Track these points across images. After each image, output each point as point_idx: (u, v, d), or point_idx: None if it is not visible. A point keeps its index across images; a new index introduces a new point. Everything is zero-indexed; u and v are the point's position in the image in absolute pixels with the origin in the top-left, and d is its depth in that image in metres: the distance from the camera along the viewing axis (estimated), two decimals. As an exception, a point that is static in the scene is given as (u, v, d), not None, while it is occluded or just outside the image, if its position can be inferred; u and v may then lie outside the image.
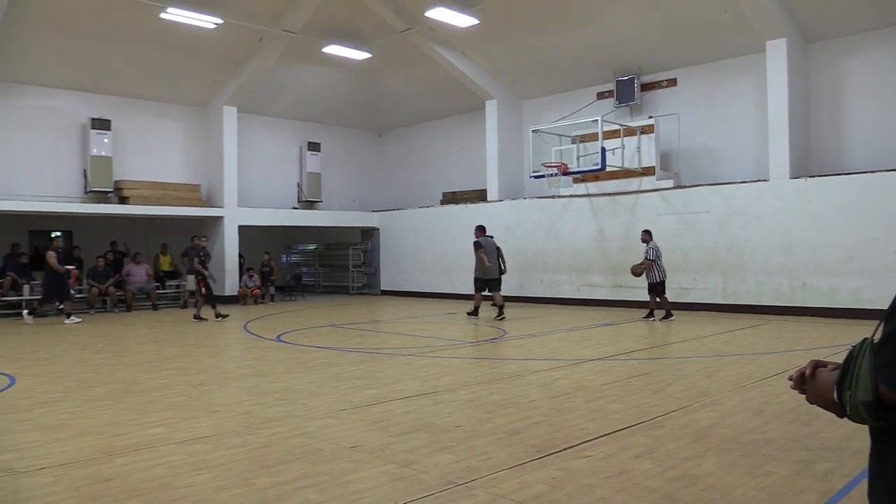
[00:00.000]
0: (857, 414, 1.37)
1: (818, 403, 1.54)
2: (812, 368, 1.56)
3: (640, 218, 15.46)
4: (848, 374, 1.38)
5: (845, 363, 1.40)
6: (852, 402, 1.36)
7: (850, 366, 1.38)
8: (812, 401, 1.56)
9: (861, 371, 1.35)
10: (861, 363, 1.36)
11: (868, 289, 12.37)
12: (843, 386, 1.39)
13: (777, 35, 13.64)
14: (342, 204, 22.64)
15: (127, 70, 17.31)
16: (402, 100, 21.55)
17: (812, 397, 1.56)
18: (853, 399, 1.36)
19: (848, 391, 1.37)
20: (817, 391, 1.52)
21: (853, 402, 1.36)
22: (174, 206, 18.19)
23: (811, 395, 1.56)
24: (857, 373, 1.36)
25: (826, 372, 1.53)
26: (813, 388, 1.54)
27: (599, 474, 4.25)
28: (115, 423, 5.73)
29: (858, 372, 1.35)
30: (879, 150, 13.28)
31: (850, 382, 1.37)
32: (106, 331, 13.13)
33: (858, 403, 1.35)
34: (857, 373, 1.36)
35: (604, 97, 17.45)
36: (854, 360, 1.38)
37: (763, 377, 7.32)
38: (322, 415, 5.94)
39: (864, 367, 1.34)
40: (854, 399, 1.35)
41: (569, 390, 6.83)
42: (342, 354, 9.70)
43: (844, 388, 1.38)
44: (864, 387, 1.34)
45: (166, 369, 8.53)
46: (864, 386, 1.34)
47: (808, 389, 1.56)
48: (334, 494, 3.96)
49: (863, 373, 1.34)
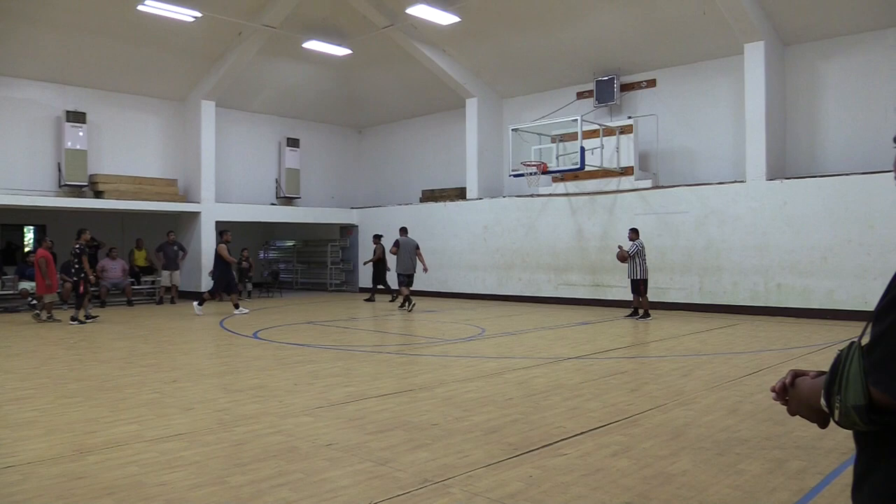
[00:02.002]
0: (847, 419, 1.33)
1: (801, 413, 1.51)
2: (792, 378, 1.53)
3: (619, 218, 15.54)
4: (836, 379, 1.34)
5: (833, 368, 1.36)
6: (842, 407, 1.33)
7: (839, 370, 1.34)
8: (794, 411, 1.53)
9: (851, 374, 1.31)
10: (850, 366, 1.32)
11: (841, 289, 12.54)
12: (832, 391, 1.35)
13: (755, 38, 13.77)
14: (321, 200, 22.53)
15: (103, 62, 17.07)
16: (383, 97, 21.48)
17: (795, 407, 1.52)
18: (843, 404, 1.32)
19: (837, 396, 1.33)
20: (801, 400, 1.49)
21: (843, 406, 1.32)
22: (150, 200, 17.99)
23: (793, 405, 1.52)
24: (847, 376, 1.32)
25: (808, 380, 1.49)
26: (795, 397, 1.51)
27: (575, 472, 4.26)
28: (87, 421, 5.65)
29: (848, 375, 1.32)
30: (854, 152, 13.46)
31: (840, 387, 1.33)
32: (79, 326, 12.94)
33: (849, 408, 1.31)
34: (846, 376, 1.32)
35: (583, 97, 17.52)
36: (842, 365, 1.34)
37: (738, 376, 7.38)
38: (298, 412, 5.90)
39: (854, 371, 1.31)
40: (844, 404, 1.32)
41: (546, 389, 6.84)
42: (319, 352, 9.65)
43: (833, 393, 1.35)
44: (854, 390, 1.30)
45: (140, 366, 8.43)
46: (854, 389, 1.30)
47: (791, 399, 1.53)
48: (309, 493, 3.92)
49: (853, 376, 1.31)
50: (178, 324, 13.53)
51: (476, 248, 18.53)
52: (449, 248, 19.18)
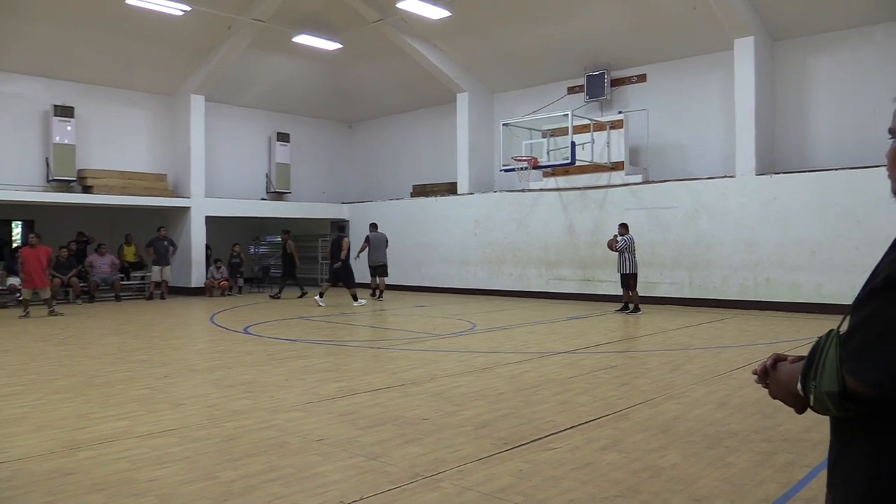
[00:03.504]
0: (821, 405, 1.36)
1: (780, 397, 1.54)
2: (773, 361, 1.56)
3: (610, 212, 15.58)
4: (813, 365, 1.37)
5: (811, 354, 1.39)
6: (817, 393, 1.35)
7: (816, 357, 1.37)
8: (774, 395, 1.55)
9: (827, 361, 1.34)
10: (827, 354, 1.35)
11: (830, 284, 12.62)
12: (808, 376, 1.38)
13: (745, 33, 13.82)
14: (311, 195, 22.46)
15: (92, 56, 16.94)
16: (373, 91, 21.42)
17: (774, 391, 1.55)
18: (818, 390, 1.35)
19: (813, 382, 1.36)
20: (780, 384, 1.52)
21: (818, 392, 1.35)
22: (140, 195, 17.89)
23: (773, 388, 1.55)
24: (823, 363, 1.35)
25: (787, 365, 1.52)
26: (775, 380, 1.54)
27: (566, 466, 4.28)
28: (77, 417, 5.63)
29: (824, 362, 1.35)
30: (842, 147, 13.54)
31: (816, 373, 1.36)
32: (68, 322, 12.89)
33: (823, 394, 1.34)
34: (822, 363, 1.35)
35: (574, 92, 17.53)
36: (820, 351, 1.37)
37: (727, 370, 7.43)
38: (289, 407, 5.90)
39: (831, 358, 1.34)
40: (819, 390, 1.35)
41: (537, 383, 6.87)
42: (310, 347, 9.64)
43: (809, 379, 1.38)
44: (829, 377, 1.33)
45: (130, 361, 8.40)
46: (829, 376, 1.33)
47: (771, 382, 1.55)
48: (300, 488, 3.93)
49: (829, 363, 1.34)
50: (169, 319, 13.48)
51: (467, 243, 18.54)
52: (440, 243, 19.17)
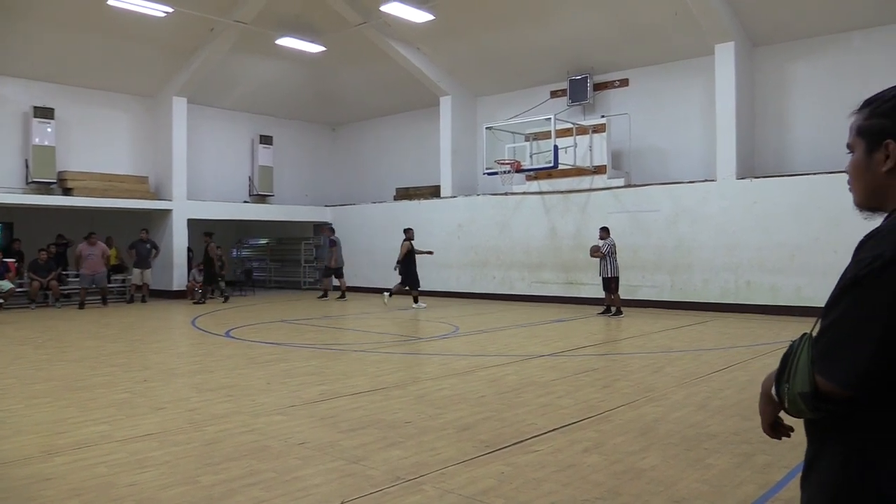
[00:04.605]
0: (794, 406, 1.40)
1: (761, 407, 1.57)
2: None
3: (592, 216, 15.66)
4: (787, 368, 1.40)
5: (784, 357, 1.42)
6: (790, 395, 1.39)
7: (790, 360, 1.40)
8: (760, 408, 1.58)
9: (800, 363, 1.37)
10: (800, 356, 1.38)
11: (809, 287, 12.76)
12: (782, 379, 1.41)
13: (725, 38, 13.96)
14: (294, 198, 22.38)
15: (72, 58, 16.79)
16: (357, 94, 21.39)
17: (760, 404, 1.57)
18: (791, 391, 1.38)
19: (786, 384, 1.40)
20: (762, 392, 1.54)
21: (791, 394, 1.38)
22: (121, 198, 17.74)
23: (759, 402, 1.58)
24: (796, 365, 1.38)
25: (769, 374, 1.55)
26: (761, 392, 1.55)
27: (547, 468, 4.30)
28: (55, 421, 5.57)
29: (797, 365, 1.38)
30: (821, 152, 13.68)
31: (789, 375, 1.39)
32: (47, 326, 12.74)
33: (796, 395, 1.37)
34: (795, 365, 1.38)
35: (557, 96, 17.61)
36: (793, 354, 1.40)
37: (707, 373, 7.49)
38: (270, 411, 5.88)
39: (803, 360, 1.37)
40: (792, 391, 1.38)
41: (519, 386, 6.89)
42: (292, 350, 9.60)
43: (783, 381, 1.41)
44: (801, 378, 1.36)
45: (110, 365, 8.32)
46: (801, 377, 1.36)
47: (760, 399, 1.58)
48: (281, 491, 3.92)
49: (801, 365, 1.37)
50: (150, 322, 13.37)
51: (450, 246, 18.54)
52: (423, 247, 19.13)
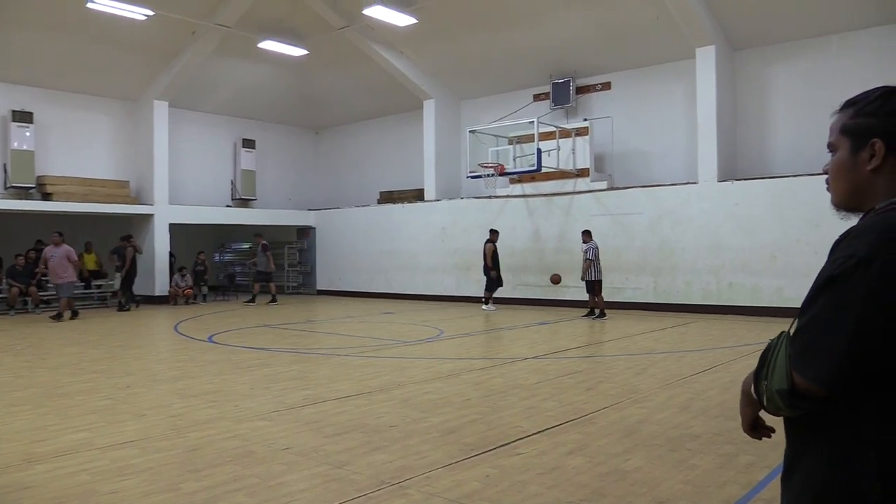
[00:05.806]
0: (772, 404, 1.41)
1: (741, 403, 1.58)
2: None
3: (575, 218, 15.72)
4: (765, 366, 1.42)
5: (763, 355, 1.44)
6: (768, 392, 1.40)
7: (768, 358, 1.42)
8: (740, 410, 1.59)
9: (777, 361, 1.39)
10: (778, 354, 1.40)
11: (790, 288, 12.88)
12: (760, 377, 1.43)
13: (706, 42, 14.08)
14: (277, 202, 22.29)
15: (51, 61, 16.61)
16: (340, 98, 21.35)
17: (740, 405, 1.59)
18: (769, 389, 1.40)
19: (764, 381, 1.41)
20: (742, 392, 1.55)
21: (769, 391, 1.40)
22: (101, 203, 17.57)
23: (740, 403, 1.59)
24: (774, 362, 1.40)
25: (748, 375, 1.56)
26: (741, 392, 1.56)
27: (532, 471, 4.30)
28: (35, 429, 5.50)
29: (775, 362, 1.39)
30: (801, 154, 13.83)
31: (767, 373, 1.41)
32: (27, 332, 12.59)
33: (774, 392, 1.39)
34: (774, 362, 1.40)
35: (540, 99, 17.68)
36: (771, 352, 1.42)
37: (690, 374, 7.54)
38: (254, 417, 5.84)
39: (781, 357, 1.38)
40: (770, 388, 1.40)
41: (503, 389, 6.89)
42: (276, 355, 9.55)
43: (761, 379, 1.42)
44: (779, 376, 1.38)
45: (91, 372, 8.24)
46: (779, 375, 1.38)
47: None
48: (265, 497, 3.89)
49: (779, 363, 1.38)
50: (131, 328, 13.25)
51: (434, 250, 18.55)
52: (407, 250, 19.16)
